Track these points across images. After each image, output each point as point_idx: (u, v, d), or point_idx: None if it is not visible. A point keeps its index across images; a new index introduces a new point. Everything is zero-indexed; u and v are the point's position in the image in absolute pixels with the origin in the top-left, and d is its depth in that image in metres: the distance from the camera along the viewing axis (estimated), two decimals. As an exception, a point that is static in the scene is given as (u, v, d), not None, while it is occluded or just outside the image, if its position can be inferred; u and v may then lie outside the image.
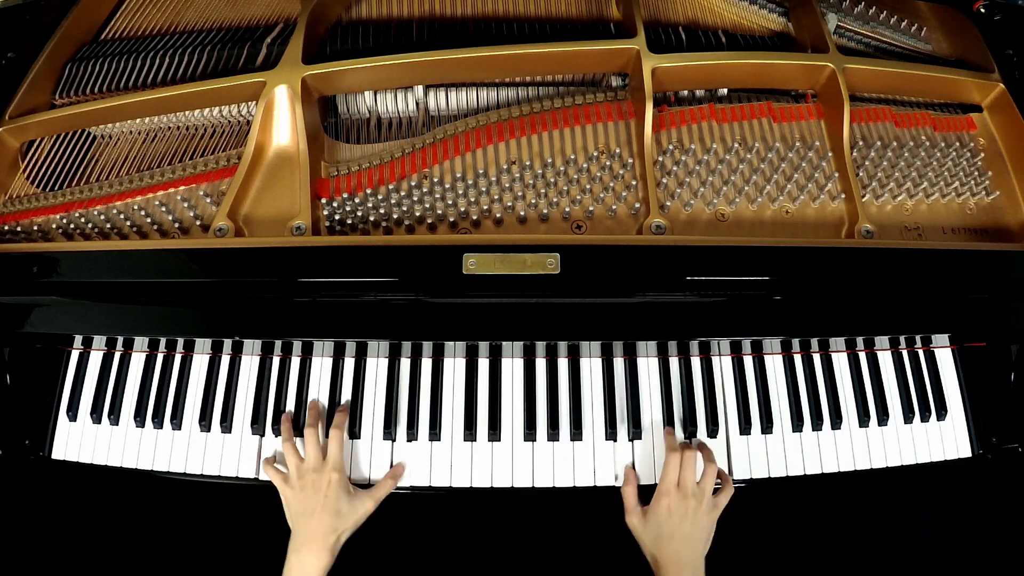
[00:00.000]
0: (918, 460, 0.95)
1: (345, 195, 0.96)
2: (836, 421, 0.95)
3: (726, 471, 0.93)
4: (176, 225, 0.95)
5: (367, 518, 0.88)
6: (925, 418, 0.96)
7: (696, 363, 0.97)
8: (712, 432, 0.94)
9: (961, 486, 0.98)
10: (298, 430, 0.94)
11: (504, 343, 0.95)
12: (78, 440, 0.96)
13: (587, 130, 1.01)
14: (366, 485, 0.91)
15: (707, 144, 1.00)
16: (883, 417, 0.95)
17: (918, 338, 0.98)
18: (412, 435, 0.94)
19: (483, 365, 0.97)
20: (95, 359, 0.99)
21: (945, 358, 1.00)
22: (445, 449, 0.93)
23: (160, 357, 0.99)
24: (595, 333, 0.92)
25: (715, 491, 0.89)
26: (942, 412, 0.97)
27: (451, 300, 0.89)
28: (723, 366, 0.97)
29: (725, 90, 1.06)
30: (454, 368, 0.97)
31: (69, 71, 1.07)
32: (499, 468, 0.93)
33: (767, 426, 0.94)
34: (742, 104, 1.04)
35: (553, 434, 0.94)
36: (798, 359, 0.98)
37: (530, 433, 0.93)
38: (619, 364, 0.97)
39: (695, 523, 0.85)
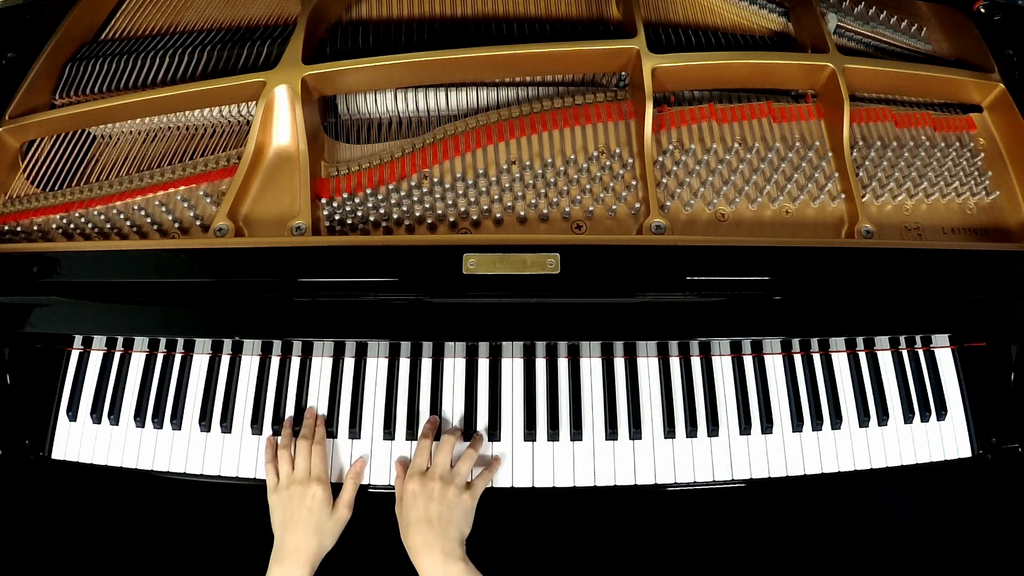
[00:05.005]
0: (918, 460, 0.95)
1: (345, 195, 0.96)
2: (836, 421, 0.95)
3: (730, 471, 0.92)
4: (176, 225, 0.95)
5: (346, 524, 0.88)
6: (925, 418, 0.96)
7: (696, 363, 0.97)
8: (712, 432, 0.94)
9: (961, 486, 0.98)
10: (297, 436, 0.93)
11: (504, 343, 0.95)
12: (78, 440, 0.96)
13: (587, 130, 1.01)
14: (365, 487, 0.91)
15: (707, 144, 1.00)
16: (883, 417, 0.95)
17: (918, 338, 0.98)
18: (412, 435, 0.94)
19: (483, 365, 0.97)
20: (95, 359, 0.99)
21: (945, 358, 1.00)
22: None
23: (160, 357, 0.99)
24: (595, 333, 0.92)
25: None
26: (942, 412, 0.97)
27: (451, 300, 0.89)
28: (723, 366, 0.97)
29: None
30: (454, 368, 0.97)
31: (69, 71, 1.07)
32: (499, 468, 0.93)
33: (767, 426, 0.94)
34: (742, 104, 1.04)
35: (553, 434, 0.93)
36: (798, 359, 0.98)
37: (530, 433, 0.93)
38: (619, 364, 0.97)
39: (442, 504, 0.84)
